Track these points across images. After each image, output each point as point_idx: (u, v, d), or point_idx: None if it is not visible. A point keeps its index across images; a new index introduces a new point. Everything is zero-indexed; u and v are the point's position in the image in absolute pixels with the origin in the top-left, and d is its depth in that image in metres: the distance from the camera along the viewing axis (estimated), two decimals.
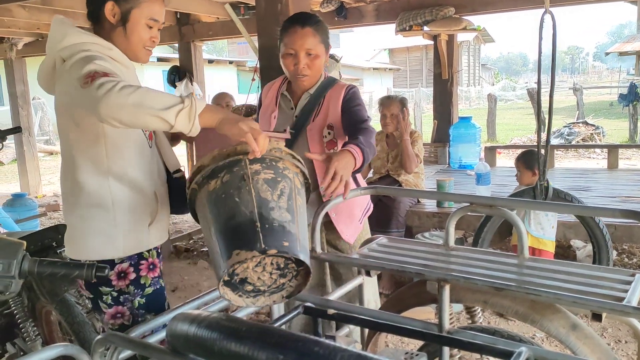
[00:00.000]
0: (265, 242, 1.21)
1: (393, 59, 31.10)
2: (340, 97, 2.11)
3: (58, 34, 1.59)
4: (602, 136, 11.69)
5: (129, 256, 1.64)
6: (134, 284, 1.65)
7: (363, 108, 2.11)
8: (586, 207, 2.35)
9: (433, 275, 1.38)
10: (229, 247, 1.22)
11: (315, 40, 2.04)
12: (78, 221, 1.62)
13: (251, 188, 1.29)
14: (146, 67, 17.60)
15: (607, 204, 4.16)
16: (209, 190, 1.31)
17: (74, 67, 1.48)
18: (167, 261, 5.01)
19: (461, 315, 3.09)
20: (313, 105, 2.14)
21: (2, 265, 1.05)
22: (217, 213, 1.28)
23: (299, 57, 2.05)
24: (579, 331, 1.30)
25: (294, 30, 2.04)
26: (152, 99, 1.32)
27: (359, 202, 2.24)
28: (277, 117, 2.20)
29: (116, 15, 1.61)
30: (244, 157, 1.33)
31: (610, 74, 44.91)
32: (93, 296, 1.67)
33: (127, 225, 1.62)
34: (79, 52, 1.54)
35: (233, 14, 4.30)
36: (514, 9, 5.60)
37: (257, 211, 1.26)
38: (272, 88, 2.29)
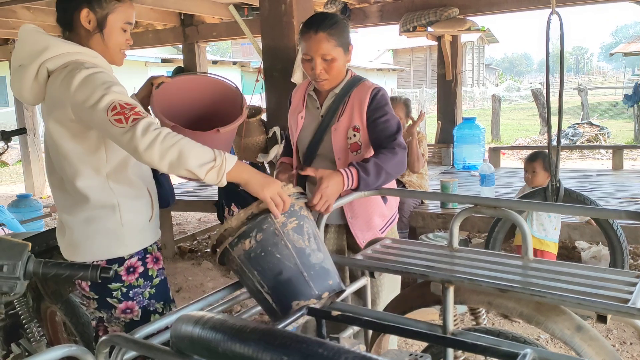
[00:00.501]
0: (316, 288, 1.39)
1: (397, 59, 31.07)
2: (366, 101, 2.07)
3: (39, 44, 1.59)
4: (607, 137, 11.65)
5: (137, 251, 1.72)
6: (143, 277, 1.74)
7: (391, 117, 2.05)
8: (591, 209, 2.34)
9: (437, 277, 1.38)
10: (286, 299, 1.38)
11: (330, 44, 2.00)
12: (83, 224, 1.65)
13: (286, 242, 1.41)
14: (150, 68, 17.66)
15: (612, 205, 4.14)
16: (245, 250, 1.38)
17: (80, 88, 1.51)
18: (172, 262, 5.02)
19: (465, 317, 3.08)
20: (338, 104, 2.12)
21: (7, 267, 1.05)
22: (262, 270, 1.39)
23: (316, 62, 2.02)
24: (583, 333, 1.30)
25: (308, 36, 2.02)
26: (190, 154, 1.41)
27: (378, 210, 2.19)
28: (305, 117, 2.21)
29: (92, 21, 1.63)
30: (268, 214, 1.42)
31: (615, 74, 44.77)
32: (99, 296, 1.70)
33: (132, 222, 1.69)
34: (72, 65, 1.56)
35: (237, 15, 4.31)
36: (518, 10, 5.59)
37: (299, 262, 1.40)
38: (300, 88, 2.29)
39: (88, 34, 1.65)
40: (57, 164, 1.67)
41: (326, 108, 2.16)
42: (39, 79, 1.61)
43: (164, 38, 7.02)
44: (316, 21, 2.03)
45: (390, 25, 6.31)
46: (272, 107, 3.37)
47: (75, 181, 1.62)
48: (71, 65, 1.57)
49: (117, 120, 1.46)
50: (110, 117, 1.47)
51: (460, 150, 6.31)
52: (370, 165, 1.87)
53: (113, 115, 1.47)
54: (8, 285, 1.05)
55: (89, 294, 1.72)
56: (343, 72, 2.12)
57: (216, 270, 4.73)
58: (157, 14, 6.34)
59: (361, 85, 2.12)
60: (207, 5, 5.93)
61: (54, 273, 1.12)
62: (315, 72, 2.04)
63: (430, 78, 26.67)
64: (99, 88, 1.51)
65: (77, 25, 1.65)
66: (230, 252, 1.40)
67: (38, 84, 1.62)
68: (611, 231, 3.19)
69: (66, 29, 1.69)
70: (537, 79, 44.45)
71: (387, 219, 2.25)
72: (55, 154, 1.66)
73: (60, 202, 1.71)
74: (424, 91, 17.74)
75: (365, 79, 2.18)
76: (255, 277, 1.38)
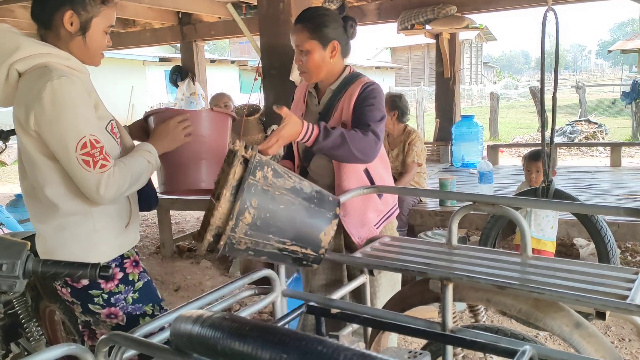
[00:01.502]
0: (327, 210, 1.44)
1: (395, 57, 31.08)
2: (355, 94, 2.06)
3: (10, 44, 1.53)
4: (605, 134, 11.68)
5: (113, 259, 1.67)
6: (123, 283, 1.69)
7: (375, 108, 2.00)
8: (590, 206, 2.35)
9: (436, 274, 1.38)
10: (313, 237, 1.41)
11: (303, 36, 2.02)
12: (55, 232, 1.61)
13: (279, 190, 1.37)
14: (148, 67, 17.65)
15: (611, 202, 4.15)
16: (249, 223, 1.31)
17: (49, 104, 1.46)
18: (170, 261, 5.02)
19: (464, 314, 3.08)
20: (333, 101, 2.12)
21: (6, 266, 1.05)
22: (276, 228, 1.36)
23: (296, 53, 2.08)
24: (582, 329, 1.30)
25: (292, 28, 2.07)
26: (136, 177, 1.61)
27: (373, 206, 2.18)
28: (305, 114, 2.21)
29: (74, 24, 1.58)
30: (248, 177, 1.32)
31: (613, 71, 44.83)
32: (81, 302, 1.67)
33: (107, 229, 1.65)
34: (41, 71, 1.50)
35: (235, 13, 4.31)
36: (515, 7, 5.60)
37: (300, 198, 1.40)
38: (302, 86, 2.29)
39: (68, 35, 1.59)
40: (29, 170, 1.61)
41: (323, 105, 2.16)
42: (10, 81, 1.55)
43: (161, 37, 7.01)
44: (300, 14, 2.07)
45: (388, 23, 6.31)
46: (270, 106, 3.37)
47: (45, 189, 1.58)
48: (41, 70, 1.51)
49: (85, 162, 1.48)
50: (79, 155, 1.48)
51: (458, 148, 6.31)
52: (335, 133, 1.85)
53: (82, 154, 1.48)
54: (7, 284, 1.05)
55: (71, 300, 1.69)
56: (324, 67, 2.07)
57: (215, 269, 4.73)
58: (155, 13, 6.33)
59: (357, 82, 2.10)
60: (205, 4, 5.92)
61: (53, 272, 1.12)
62: (296, 62, 2.09)
63: (428, 76, 26.68)
64: (69, 111, 1.47)
65: (56, 25, 1.59)
66: (234, 237, 1.32)
67: (9, 86, 1.56)
68: (592, 227, 3.16)
69: (43, 27, 1.61)
70: (535, 77, 44.45)
71: (383, 214, 2.23)
72: (27, 161, 1.60)
73: (32, 209, 1.66)
74: (422, 89, 17.73)
75: (362, 76, 2.15)
76: (273, 239, 1.36)
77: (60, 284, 1.68)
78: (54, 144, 1.50)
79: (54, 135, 1.49)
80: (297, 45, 2.05)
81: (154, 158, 1.69)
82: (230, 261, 4.73)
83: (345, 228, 2.17)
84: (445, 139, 6.71)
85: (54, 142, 1.50)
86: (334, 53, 2.07)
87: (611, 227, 3.43)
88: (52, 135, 1.49)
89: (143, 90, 17.99)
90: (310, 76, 2.10)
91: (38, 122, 1.49)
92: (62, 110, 1.48)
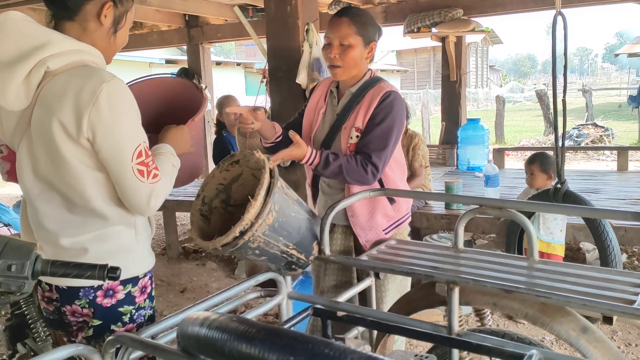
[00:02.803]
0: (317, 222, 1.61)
1: (400, 60, 31.05)
2: (375, 104, 2.05)
3: (38, 37, 1.36)
4: (612, 138, 11.63)
5: (149, 269, 1.59)
6: (149, 298, 1.61)
7: (385, 132, 2.02)
8: (596, 210, 2.34)
9: (442, 278, 1.38)
10: (309, 245, 1.57)
11: (351, 30, 2.02)
12: (97, 242, 1.47)
13: (291, 199, 1.53)
14: (154, 69, 17.70)
15: (618, 206, 4.13)
16: (270, 224, 1.43)
17: (109, 108, 1.34)
18: (176, 262, 5.04)
19: (470, 318, 3.08)
20: (352, 103, 2.12)
21: (15, 266, 1.06)
22: (287, 233, 1.49)
23: (333, 45, 2.05)
24: (589, 334, 1.30)
25: (332, 20, 2.06)
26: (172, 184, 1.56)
27: (382, 210, 2.18)
28: (325, 113, 2.22)
29: (107, 17, 1.45)
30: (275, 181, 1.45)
31: (620, 75, 44.65)
32: (102, 321, 1.51)
33: (145, 240, 1.58)
34: (89, 71, 1.37)
35: (242, 16, 4.32)
36: (523, 11, 5.58)
37: (305, 209, 1.57)
38: (323, 84, 2.29)
39: (97, 29, 1.45)
40: (67, 184, 1.42)
41: (342, 106, 2.16)
42: (32, 79, 1.36)
43: (168, 39, 7.03)
44: (345, 8, 2.09)
45: (394, 26, 6.30)
46: (277, 108, 3.38)
47: (92, 202, 1.43)
48: (83, 69, 1.38)
49: (140, 171, 1.40)
50: (134, 165, 1.39)
51: (464, 151, 6.30)
52: (333, 165, 1.99)
53: (137, 163, 1.39)
54: (16, 284, 1.06)
55: (91, 322, 1.51)
56: (359, 66, 2.10)
57: (220, 270, 4.74)
58: (162, 15, 6.35)
59: (377, 87, 2.10)
60: (212, 7, 5.94)
61: (61, 273, 1.12)
62: (330, 56, 2.05)
63: (434, 79, 26.65)
64: (126, 115, 1.38)
65: (84, 16, 1.43)
66: (253, 235, 1.40)
67: (29, 84, 1.36)
68: (594, 230, 3.14)
69: (65, 17, 1.44)
70: (542, 80, 44.37)
71: (394, 221, 2.24)
72: (65, 174, 1.41)
73: (63, 224, 1.46)
74: (428, 92, 17.73)
75: (383, 80, 2.15)
76: (281, 242, 1.48)
77: (80, 305, 1.49)
78: (108, 152, 1.37)
79: (110, 145, 1.36)
80: (340, 38, 2.03)
81: (177, 162, 1.62)
82: (235, 263, 4.73)
83: (353, 229, 2.18)
84: (450, 142, 6.70)
85: (108, 150, 1.37)
86: (370, 54, 2.12)
87: (618, 232, 3.42)
88: (107, 142, 1.36)
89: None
90: (342, 71, 2.09)
91: (93, 128, 1.34)
92: (120, 116, 1.36)
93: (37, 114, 1.39)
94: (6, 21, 1.37)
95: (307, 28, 3.24)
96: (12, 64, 1.34)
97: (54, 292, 1.54)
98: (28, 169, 1.46)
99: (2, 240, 1.07)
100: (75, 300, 1.49)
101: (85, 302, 1.49)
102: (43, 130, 1.38)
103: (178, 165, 1.62)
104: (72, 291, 1.49)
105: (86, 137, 1.36)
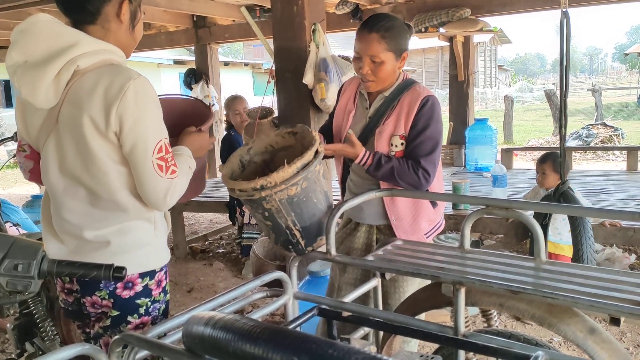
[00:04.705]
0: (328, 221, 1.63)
1: (408, 60, 30.87)
2: (414, 110, 2.04)
3: (67, 39, 1.42)
4: (621, 138, 11.54)
5: (166, 264, 1.64)
6: (163, 292, 1.65)
7: (429, 136, 2.03)
8: (606, 210, 2.32)
9: (448, 278, 1.37)
10: (314, 236, 1.65)
11: (381, 47, 1.98)
12: (118, 236, 1.51)
13: (321, 188, 1.59)
14: (163, 70, 17.78)
15: (627, 207, 4.10)
16: (290, 195, 1.53)
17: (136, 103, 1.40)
18: (184, 262, 5.05)
19: (477, 319, 3.06)
20: (386, 108, 2.10)
21: (22, 266, 1.07)
22: (300, 212, 1.57)
23: (364, 62, 2.02)
24: (596, 335, 1.29)
25: (361, 34, 2.01)
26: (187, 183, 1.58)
27: (426, 214, 2.18)
28: (355, 115, 2.20)
29: (125, 14, 1.51)
30: (313, 162, 1.55)
31: (630, 74, 44.32)
32: (120, 312, 1.56)
33: (162, 234, 1.63)
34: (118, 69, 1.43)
35: (249, 16, 4.32)
36: (531, 10, 5.54)
37: (328, 204, 1.64)
38: (352, 85, 2.26)
39: (119, 28, 1.52)
40: (93, 178, 1.47)
41: (374, 110, 2.14)
42: (61, 77, 1.41)
43: (176, 40, 7.06)
44: (373, 21, 2.02)
45: None
46: (284, 109, 3.38)
47: (117, 194, 1.48)
48: (111, 68, 1.44)
49: (159, 166, 1.45)
50: (155, 159, 1.44)
51: (472, 151, 6.28)
52: (385, 167, 2.01)
53: (157, 157, 1.44)
54: (23, 284, 1.07)
55: (110, 312, 1.55)
56: (392, 77, 2.09)
57: (227, 270, 4.75)
58: (170, 16, 6.38)
59: (412, 90, 2.08)
60: (220, 7, 5.96)
61: (67, 272, 1.13)
62: (362, 72, 2.03)
63: (442, 79, 26.58)
64: (150, 112, 1.44)
65: (106, 17, 1.49)
66: (272, 196, 1.51)
67: (59, 83, 1.41)
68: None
69: (87, 21, 1.49)
70: (551, 80, 44.12)
71: (435, 224, 2.23)
72: (92, 167, 1.46)
73: (86, 218, 1.51)
74: (436, 92, 17.71)
75: (416, 83, 2.13)
76: (290, 218, 1.54)
77: (100, 296, 1.54)
78: (131, 146, 1.43)
79: (134, 137, 1.42)
80: (372, 56, 1.99)
81: (193, 164, 1.65)
82: (242, 263, 4.74)
83: (395, 232, 2.15)
84: (458, 142, 6.68)
85: (132, 144, 1.43)
86: (402, 63, 2.09)
87: (627, 232, 3.40)
88: (131, 136, 1.42)
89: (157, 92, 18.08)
90: (376, 85, 2.08)
91: (120, 120, 1.40)
92: (145, 111, 1.43)
93: (67, 111, 1.44)
94: (37, 23, 1.44)
95: (313, 28, 3.23)
96: (43, 63, 1.40)
97: (74, 284, 1.59)
98: (54, 165, 1.51)
99: (8, 240, 1.08)
100: (96, 291, 1.54)
101: (106, 293, 1.54)
102: (73, 126, 1.43)
103: (194, 168, 1.65)
104: (94, 282, 1.53)
105: (114, 131, 1.42)
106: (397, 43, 2.02)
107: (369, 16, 2.08)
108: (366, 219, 2.20)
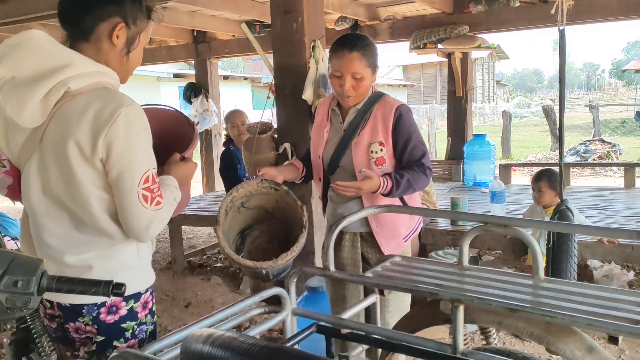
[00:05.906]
0: None
1: (407, 75, 31.17)
2: (391, 120, 2.17)
3: (60, 58, 1.37)
4: (619, 154, 11.58)
5: (151, 285, 1.59)
6: (150, 313, 1.60)
7: (416, 141, 2.18)
8: (604, 229, 2.33)
9: (447, 295, 1.37)
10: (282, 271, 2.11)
11: (362, 64, 2.13)
12: (101, 259, 1.47)
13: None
14: (162, 84, 17.84)
15: (624, 224, 4.11)
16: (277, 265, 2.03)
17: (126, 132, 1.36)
18: (181, 277, 5.03)
19: (475, 336, 3.05)
20: (360, 120, 2.22)
21: (21, 282, 1.06)
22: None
23: (345, 79, 2.14)
24: (595, 354, 1.29)
25: (342, 54, 2.13)
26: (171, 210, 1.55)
27: (404, 221, 2.30)
28: (329, 131, 2.31)
29: (120, 37, 1.46)
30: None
31: (627, 90, 44.58)
32: (105, 337, 1.51)
33: (146, 255, 1.58)
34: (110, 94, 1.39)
35: (249, 32, 4.35)
36: (528, 27, 5.59)
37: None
38: (324, 104, 2.39)
39: (111, 50, 1.46)
40: (76, 203, 1.43)
41: (348, 123, 2.26)
42: (50, 98, 1.35)
43: (176, 54, 7.10)
44: (351, 41, 2.15)
45: (400, 42, 6.33)
46: (283, 124, 3.39)
47: (100, 221, 1.44)
48: (103, 92, 1.40)
49: (144, 197, 1.40)
50: (140, 189, 1.39)
51: (470, 166, 6.29)
52: (403, 182, 2.10)
53: (143, 187, 1.40)
54: (22, 300, 1.06)
55: (95, 338, 1.50)
56: (368, 91, 2.22)
57: (225, 285, 4.73)
58: (171, 31, 6.43)
59: (383, 102, 2.22)
60: (220, 23, 6.00)
61: (67, 289, 1.13)
62: (344, 89, 2.15)
63: (440, 94, 26.71)
64: (140, 141, 1.39)
65: (98, 37, 1.44)
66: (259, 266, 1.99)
67: (46, 104, 1.36)
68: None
69: (80, 37, 1.45)
70: (548, 95, 44.34)
71: (411, 229, 2.34)
72: (76, 194, 1.41)
73: (69, 242, 1.45)
74: (434, 107, 17.74)
75: (385, 95, 2.28)
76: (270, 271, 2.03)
77: (84, 322, 1.49)
78: (117, 174, 1.38)
79: (121, 165, 1.37)
80: (354, 73, 2.13)
81: (178, 195, 1.60)
82: (240, 278, 4.73)
83: (376, 238, 2.25)
84: (457, 157, 6.69)
85: (118, 172, 1.38)
86: (375, 77, 2.23)
87: (625, 249, 3.40)
88: (119, 164, 1.37)
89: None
90: (355, 100, 2.21)
91: (108, 148, 1.35)
92: (134, 140, 1.38)
93: (53, 132, 1.39)
94: (29, 40, 1.38)
95: (313, 45, 3.25)
96: (32, 82, 1.34)
97: (55, 310, 1.53)
98: (36, 186, 1.45)
99: (8, 257, 1.08)
100: (79, 317, 1.49)
101: (89, 319, 1.49)
102: (58, 148, 1.38)
103: (179, 200, 1.61)
104: (76, 308, 1.48)
105: (100, 158, 1.37)
106: (373, 60, 2.18)
107: (341, 36, 2.21)
108: (349, 227, 2.27)
